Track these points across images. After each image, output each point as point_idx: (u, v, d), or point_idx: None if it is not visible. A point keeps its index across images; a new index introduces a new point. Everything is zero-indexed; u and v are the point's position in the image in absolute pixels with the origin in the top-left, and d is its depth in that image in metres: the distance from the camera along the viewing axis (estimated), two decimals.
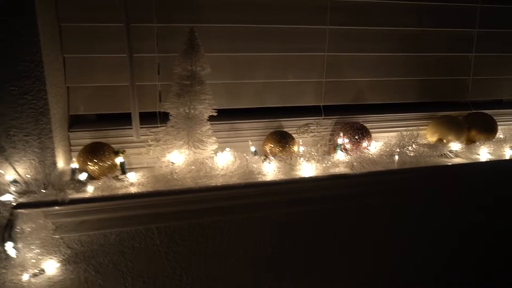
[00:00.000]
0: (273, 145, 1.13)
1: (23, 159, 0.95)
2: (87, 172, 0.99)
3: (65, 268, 1.05)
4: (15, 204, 0.91)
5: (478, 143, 1.27)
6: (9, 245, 0.95)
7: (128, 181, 0.99)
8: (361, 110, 1.32)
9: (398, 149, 1.19)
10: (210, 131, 1.07)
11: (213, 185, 1.00)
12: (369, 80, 1.30)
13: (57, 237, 1.01)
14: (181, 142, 1.03)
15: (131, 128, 1.06)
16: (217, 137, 1.09)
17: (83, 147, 1.02)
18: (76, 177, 0.97)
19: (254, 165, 1.07)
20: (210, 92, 1.04)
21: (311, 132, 1.26)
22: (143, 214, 1.05)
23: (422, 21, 1.28)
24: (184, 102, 1.01)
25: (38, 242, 1.00)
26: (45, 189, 0.94)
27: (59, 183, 0.94)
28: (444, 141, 1.27)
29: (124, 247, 1.08)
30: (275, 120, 1.22)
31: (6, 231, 0.95)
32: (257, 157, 1.11)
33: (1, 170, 0.94)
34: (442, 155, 1.23)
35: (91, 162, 0.99)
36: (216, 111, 1.06)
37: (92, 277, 1.08)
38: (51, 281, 1.04)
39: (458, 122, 1.29)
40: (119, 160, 1.03)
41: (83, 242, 1.05)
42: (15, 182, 0.94)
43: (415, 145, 1.21)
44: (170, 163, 1.03)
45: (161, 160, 1.06)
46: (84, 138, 1.08)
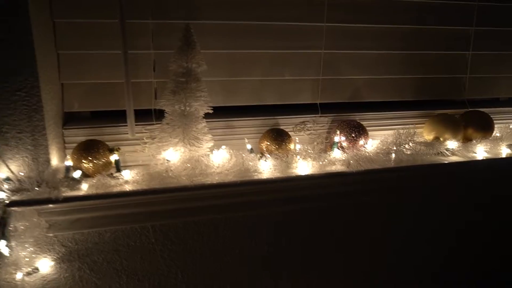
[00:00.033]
0: (269, 143, 1.13)
1: (16, 156, 0.94)
2: (81, 169, 0.99)
3: (59, 267, 1.04)
4: (8, 202, 0.90)
5: (474, 141, 1.27)
6: (2, 244, 0.94)
7: (122, 179, 0.98)
8: (358, 108, 1.31)
9: (394, 147, 1.19)
10: (206, 128, 1.06)
11: (208, 183, 1.00)
12: (366, 78, 1.30)
13: (51, 235, 1.01)
14: (176, 140, 1.03)
15: (126, 126, 1.05)
16: (213, 135, 1.09)
17: (77, 144, 1.01)
18: (70, 175, 0.96)
19: (250, 163, 1.07)
20: (206, 89, 1.03)
21: (308, 130, 1.26)
22: (138, 212, 1.04)
23: (420, 19, 1.28)
24: (179, 99, 1.00)
25: (32, 240, 0.99)
26: (38, 186, 0.93)
27: (52, 180, 0.94)
28: (441, 139, 1.27)
29: (119, 245, 1.08)
30: (271, 118, 1.22)
31: None
32: (253, 155, 1.10)
33: None
34: (438, 153, 1.23)
35: (85, 159, 0.98)
36: (212, 108, 1.06)
37: (86, 275, 1.07)
38: (45, 280, 1.03)
39: (455, 120, 1.29)
40: (114, 157, 1.02)
41: (77, 240, 1.04)
42: (8, 179, 0.93)
43: (411, 143, 1.20)
44: (165, 161, 1.02)
45: (156, 157, 1.05)
46: (78, 136, 1.07)
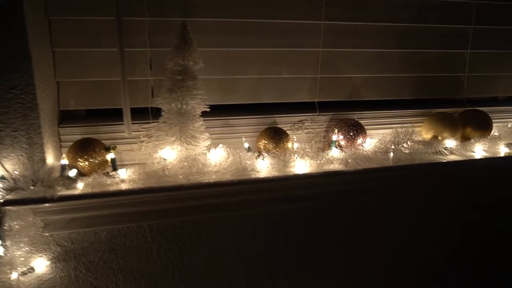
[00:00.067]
0: (267, 142, 1.12)
1: (11, 155, 0.93)
2: (77, 168, 0.98)
3: (55, 266, 1.03)
4: (2, 201, 0.89)
5: (473, 140, 1.27)
6: None
7: (119, 177, 0.98)
8: (356, 107, 1.31)
9: (393, 146, 1.19)
10: (203, 127, 1.05)
11: (205, 181, 0.99)
12: (364, 76, 1.29)
13: (46, 234, 1.00)
14: (173, 138, 1.02)
15: (123, 124, 1.04)
16: (210, 133, 1.08)
17: (73, 143, 1.00)
18: (66, 174, 0.95)
19: (248, 162, 1.06)
20: (203, 87, 1.03)
21: (306, 129, 1.25)
22: (134, 211, 1.03)
23: (418, 17, 1.27)
24: (176, 97, 1.00)
25: (27, 240, 0.98)
26: (33, 185, 0.92)
27: (48, 179, 0.93)
28: (439, 138, 1.26)
29: (115, 244, 1.07)
30: (269, 116, 1.21)
31: None
32: (251, 153, 1.09)
33: None
34: (437, 152, 1.23)
35: (81, 158, 0.97)
36: (209, 106, 1.05)
37: (82, 275, 1.06)
38: (40, 280, 1.03)
39: (453, 119, 1.29)
40: (110, 156, 1.01)
41: (73, 240, 1.03)
42: (2, 178, 0.92)
43: (410, 142, 1.20)
44: (162, 160, 1.01)
45: (153, 156, 1.05)
46: (74, 134, 1.06)
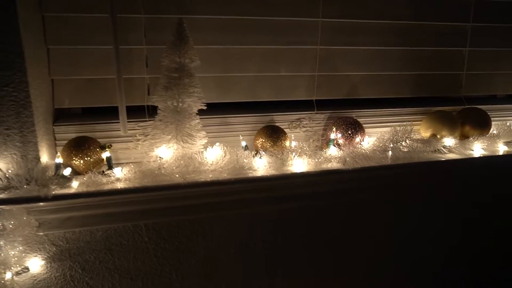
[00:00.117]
0: (264, 140, 1.11)
1: (4, 153, 0.92)
2: (71, 167, 0.97)
3: (50, 266, 1.02)
4: None
5: (471, 138, 1.26)
6: None
7: (114, 176, 0.96)
8: (354, 105, 1.30)
9: (391, 144, 1.18)
10: (200, 125, 1.04)
11: (202, 180, 0.98)
12: (362, 74, 1.28)
13: (41, 234, 0.98)
14: (169, 137, 1.01)
15: (118, 122, 1.03)
16: (207, 132, 1.07)
17: (67, 141, 0.99)
18: (60, 172, 0.94)
19: (245, 160, 1.05)
20: (199, 85, 1.02)
21: (304, 127, 1.24)
22: (130, 211, 1.02)
23: (417, 15, 1.26)
24: (172, 95, 0.99)
25: (21, 239, 0.96)
26: (27, 184, 0.91)
27: (42, 178, 0.91)
28: (438, 136, 1.26)
29: (111, 244, 1.06)
30: (266, 115, 1.20)
31: None
32: (248, 152, 1.08)
33: None
34: (435, 150, 1.22)
35: (75, 156, 0.96)
36: (205, 104, 1.04)
37: (78, 275, 1.05)
38: (35, 279, 1.01)
39: (452, 117, 1.28)
40: (105, 155, 1.00)
41: (68, 239, 1.02)
42: None
43: (408, 140, 1.19)
44: (158, 158, 1.00)
45: (149, 155, 1.03)
46: (69, 132, 1.05)
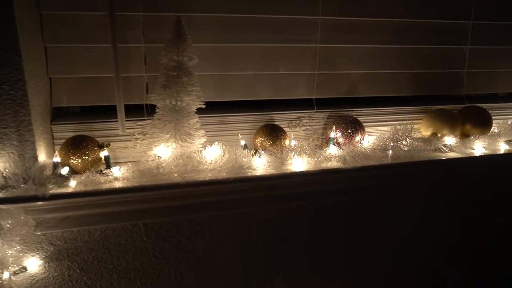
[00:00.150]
0: (263, 139, 1.11)
1: (1, 152, 0.91)
2: (69, 166, 0.96)
3: (48, 266, 1.01)
4: None
5: (472, 137, 1.26)
6: None
7: (112, 175, 0.96)
8: (354, 103, 1.29)
9: (391, 143, 1.17)
10: (198, 124, 1.04)
11: (201, 179, 0.97)
12: (362, 72, 1.27)
13: (39, 233, 0.98)
14: (167, 135, 1.00)
15: (117, 121, 1.02)
16: (205, 131, 1.06)
17: (65, 140, 0.99)
18: (58, 172, 0.94)
19: (244, 159, 1.04)
20: (198, 83, 1.01)
21: (303, 126, 1.23)
22: (128, 210, 1.01)
23: (417, 12, 1.25)
24: (170, 94, 0.98)
25: (19, 239, 0.96)
26: (25, 183, 0.90)
27: (39, 177, 0.91)
28: (439, 135, 1.25)
29: (110, 243, 1.05)
30: (266, 113, 1.19)
31: None
32: (247, 151, 1.08)
33: None
34: (436, 149, 1.22)
35: (73, 155, 0.95)
36: (204, 103, 1.03)
37: (76, 274, 1.04)
38: (33, 279, 1.01)
39: (453, 116, 1.27)
40: (103, 154, 0.99)
41: (66, 239, 1.01)
42: None
43: (409, 139, 1.19)
44: (157, 157, 1.00)
45: (148, 154, 1.03)
46: (67, 131, 1.05)
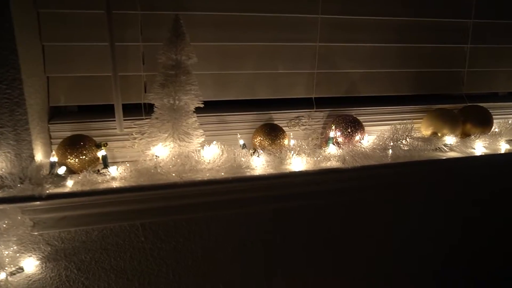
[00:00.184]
0: (262, 138, 1.10)
1: None
2: (66, 166, 0.95)
3: (45, 266, 1.01)
4: None
5: (473, 136, 1.25)
6: None
7: (109, 175, 0.95)
8: (354, 103, 1.28)
9: (391, 142, 1.17)
10: (197, 123, 1.03)
11: (199, 179, 0.97)
12: (362, 71, 1.26)
13: (35, 233, 0.97)
14: (165, 135, 0.99)
15: (115, 121, 1.01)
16: (204, 130, 1.05)
17: (62, 139, 0.98)
18: (55, 171, 0.93)
19: (242, 159, 1.04)
20: (196, 82, 1.00)
21: (303, 125, 1.23)
22: (126, 210, 1.01)
23: (417, 11, 1.24)
24: (168, 93, 0.97)
25: (16, 239, 0.95)
26: (21, 183, 0.90)
27: (36, 177, 0.90)
28: (439, 134, 1.24)
29: (107, 244, 1.04)
30: (265, 113, 1.19)
31: None
32: (246, 150, 1.07)
33: None
34: (436, 149, 1.21)
35: (70, 155, 0.94)
36: (203, 102, 1.02)
37: (74, 275, 1.04)
38: (30, 280, 1.00)
39: (453, 115, 1.26)
40: (101, 153, 0.98)
41: (63, 239, 1.00)
42: None
43: (409, 138, 1.18)
44: (154, 157, 0.99)
45: (145, 153, 1.02)
46: (65, 131, 1.04)
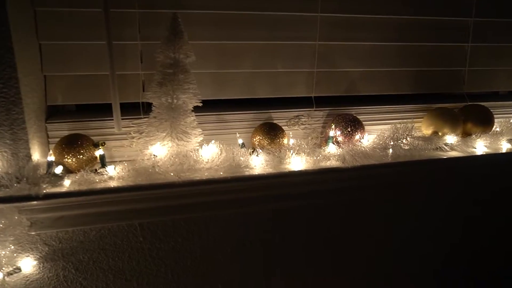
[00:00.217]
0: (261, 138, 1.09)
1: None
2: (63, 165, 0.94)
3: (43, 266, 1.00)
4: None
5: (474, 136, 1.24)
6: None
7: (107, 174, 0.94)
8: (354, 102, 1.28)
9: (392, 142, 1.16)
10: (195, 122, 1.02)
11: (197, 179, 0.96)
12: (362, 70, 1.26)
13: (33, 233, 0.96)
14: (163, 134, 0.98)
15: (113, 120, 1.01)
16: (203, 129, 1.04)
17: (60, 139, 0.97)
18: (52, 171, 0.92)
19: (241, 158, 1.03)
20: (195, 81, 0.99)
21: (302, 124, 1.22)
22: (124, 210, 1.00)
23: (418, 10, 1.23)
24: (166, 92, 0.96)
25: (13, 239, 0.94)
26: (18, 183, 0.89)
27: (33, 176, 0.89)
28: (440, 134, 1.23)
29: (105, 244, 1.04)
30: (264, 112, 1.18)
31: None
32: (245, 149, 1.06)
33: None
34: (437, 148, 1.20)
35: (67, 154, 0.94)
36: (201, 101, 1.01)
37: (71, 275, 1.03)
38: (27, 280, 0.99)
39: (454, 114, 1.25)
40: (98, 152, 0.98)
41: (61, 239, 1.00)
42: None
43: (409, 138, 1.17)
44: (152, 156, 0.98)
45: (143, 152, 1.01)
46: (62, 130, 1.03)
